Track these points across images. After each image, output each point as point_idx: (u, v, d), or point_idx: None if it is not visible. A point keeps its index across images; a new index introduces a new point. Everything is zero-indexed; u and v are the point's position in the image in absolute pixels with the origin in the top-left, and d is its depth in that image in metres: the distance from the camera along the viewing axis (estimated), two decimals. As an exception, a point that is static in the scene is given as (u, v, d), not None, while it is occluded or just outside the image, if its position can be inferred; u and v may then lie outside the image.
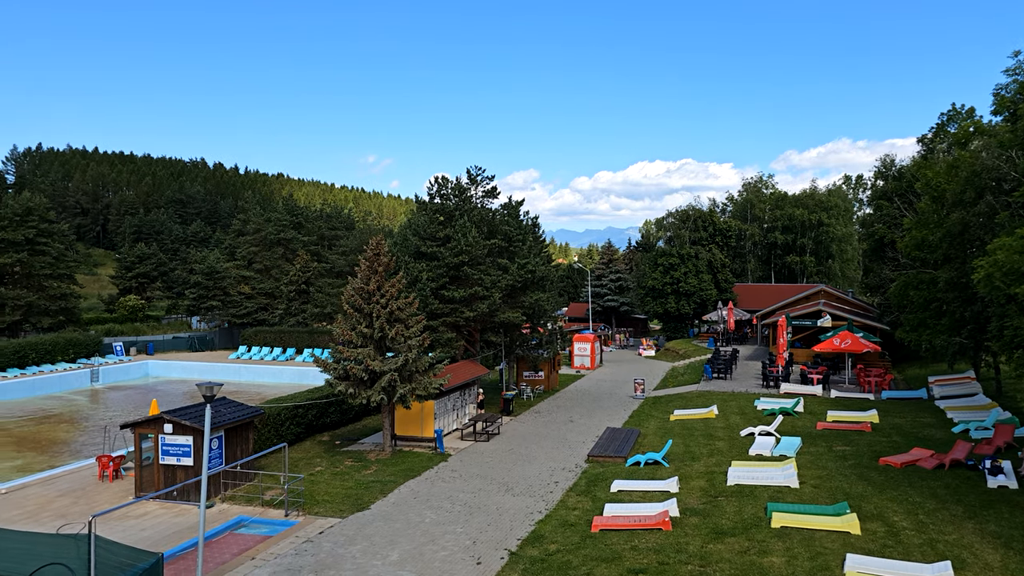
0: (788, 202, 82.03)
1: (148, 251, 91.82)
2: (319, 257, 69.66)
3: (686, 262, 62.52)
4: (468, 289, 32.78)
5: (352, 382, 24.56)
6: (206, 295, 66.53)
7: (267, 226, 70.23)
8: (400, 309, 24.99)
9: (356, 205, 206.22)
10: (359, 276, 25.23)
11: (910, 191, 40.67)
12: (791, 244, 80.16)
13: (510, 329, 36.46)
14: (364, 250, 25.95)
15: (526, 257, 35.95)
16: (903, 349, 42.67)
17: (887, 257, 42.12)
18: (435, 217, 34.91)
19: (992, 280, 17.00)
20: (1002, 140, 22.54)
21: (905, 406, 31.08)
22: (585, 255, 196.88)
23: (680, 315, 63.67)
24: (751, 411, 30.75)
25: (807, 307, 48.17)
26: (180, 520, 18.71)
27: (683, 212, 76.83)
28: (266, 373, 49.82)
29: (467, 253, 32.84)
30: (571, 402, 36.47)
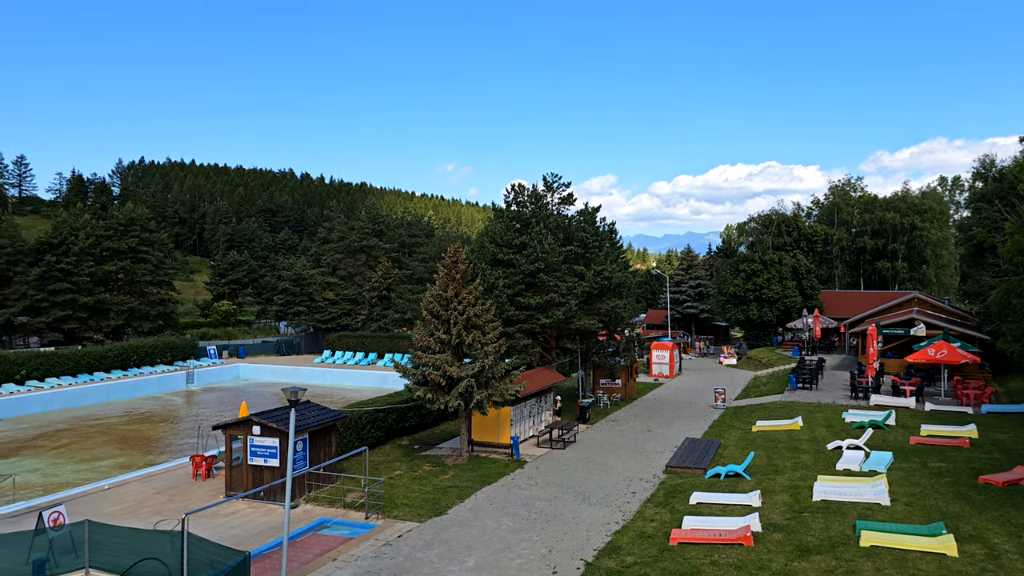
0: (878, 205, 78.31)
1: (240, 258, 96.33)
2: (400, 264, 71.31)
3: (769, 268, 60.64)
4: (544, 296, 32.85)
5: (430, 387, 25.02)
6: (293, 301, 69.22)
7: (351, 234, 72.45)
8: (477, 316, 25.30)
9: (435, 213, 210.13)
10: (437, 283, 25.70)
11: (1012, 193, 38.18)
12: (881, 249, 76.47)
13: (586, 336, 36.29)
14: (442, 257, 26.41)
15: (602, 263, 35.74)
16: (1005, 360, 39.96)
17: (987, 263, 39.65)
18: (511, 224, 35.19)
19: (1107, 289, 15.75)
20: (1118, 138, 20.85)
21: (1007, 421, 29.11)
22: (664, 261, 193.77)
23: (763, 323, 61.78)
24: (838, 423, 29.51)
25: (899, 315, 45.82)
26: (266, 520, 19.53)
27: (766, 217, 74.60)
28: (348, 377, 51.34)
29: (543, 260, 32.93)
30: (649, 411, 35.96)
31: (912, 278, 75.38)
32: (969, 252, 48.27)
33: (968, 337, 40.87)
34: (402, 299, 62.69)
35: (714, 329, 75.00)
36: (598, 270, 34.97)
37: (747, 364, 55.59)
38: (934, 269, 76.20)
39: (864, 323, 47.88)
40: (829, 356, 54.06)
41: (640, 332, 50.27)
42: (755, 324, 62.24)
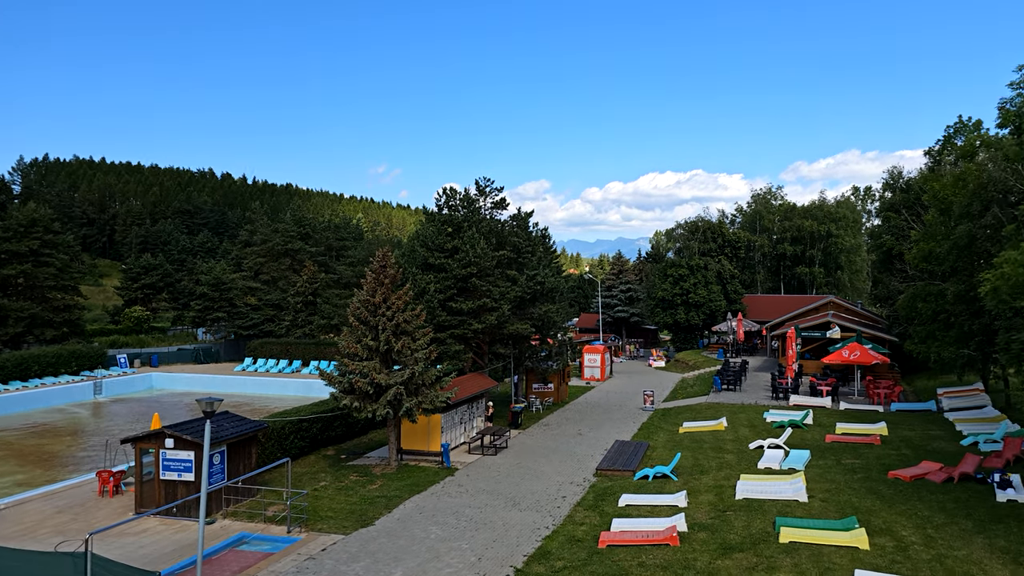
0: (797, 213, 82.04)
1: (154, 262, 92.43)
2: (327, 268, 69.99)
3: (695, 273, 62.55)
4: (476, 301, 32.89)
5: (357, 395, 24.65)
6: (212, 306, 66.90)
7: (274, 237, 70.64)
8: (407, 321, 25.10)
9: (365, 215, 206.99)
10: (365, 288, 25.36)
11: (918, 203, 40.66)
12: (800, 255, 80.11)
13: (519, 341, 36.51)
14: (371, 261, 26.09)
15: (535, 268, 36.06)
16: (912, 361, 42.48)
17: (896, 269, 42.05)
18: (443, 228, 35.09)
19: (999, 293, 17.01)
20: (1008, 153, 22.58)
21: (914, 418, 30.95)
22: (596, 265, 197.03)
23: (690, 326, 63.64)
24: (760, 423, 30.68)
25: (816, 318, 48.05)
26: (180, 537, 18.80)
27: (692, 223, 76.91)
28: (271, 386, 49.98)
29: (475, 264, 32.97)
30: (580, 414, 36.46)
31: (828, 283, 79.22)
32: (880, 258, 51.03)
33: (879, 339, 43.22)
34: (329, 304, 61.48)
35: (644, 332, 76.73)
36: (531, 275, 35.26)
37: (675, 366, 57.12)
38: (848, 274, 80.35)
39: (784, 326, 49.98)
40: (752, 358, 56.14)
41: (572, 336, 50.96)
42: (682, 327, 64.05)
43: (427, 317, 29.90)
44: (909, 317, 33.70)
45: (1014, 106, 21.10)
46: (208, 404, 14.27)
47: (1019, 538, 15.95)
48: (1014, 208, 22.72)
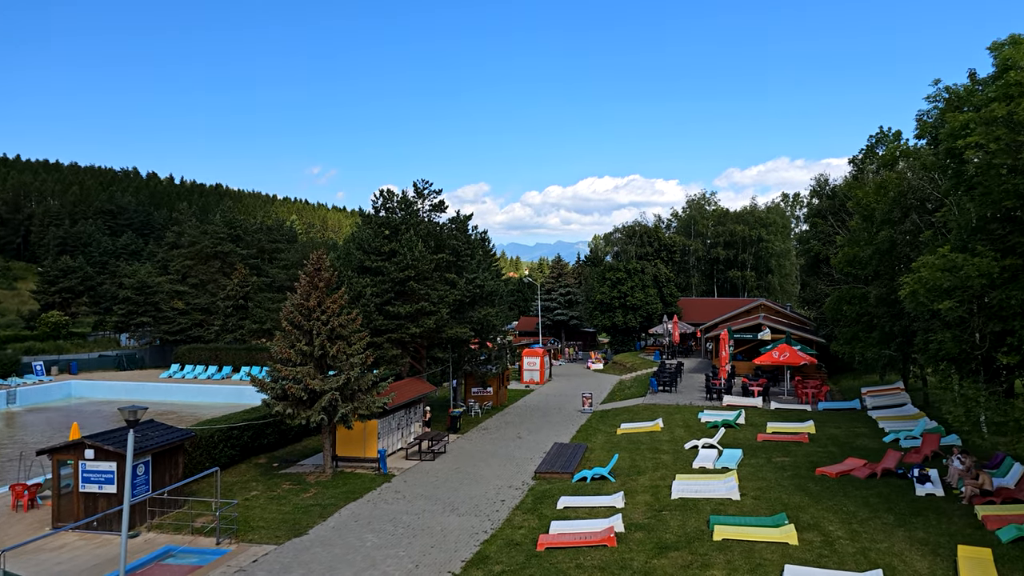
0: (730, 218, 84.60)
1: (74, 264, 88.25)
2: (259, 271, 68.21)
3: (633, 276, 63.67)
4: (414, 305, 32.60)
5: (291, 402, 24.08)
6: (136, 311, 64.26)
7: (203, 239, 68.44)
8: (342, 326, 24.69)
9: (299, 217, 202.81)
10: (299, 291, 24.83)
11: (843, 209, 42.45)
12: (733, 259, 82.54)
13: (458, 345, 36.34)
14: (305, 264, 25.57)
15: (475, 271, 35.98)
16: (838, 361, 44.30)
17: (822, 273, 43.80)
18: (380, 231, 34.65)
19: (917, 296, 17.90)
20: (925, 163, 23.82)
21: (840, 417, 32.24)
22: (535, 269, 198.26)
23: (627, 329, 64.71)
24: (695, 424, 31.40)
25: (748, 321, 49.56)
26: (102, 552, 17.97)
27: (630, 228, 78.30)
28: (200, 393, 48.35)
29: (413, 268, 32.67)
30: (520, 418, 36.55)
31: (759, 286, 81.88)
32: (807, 263, 53.10)
33: (807, 340, 44.88)
34: (260, 308, 59.97)
35: (583, 335, 77.60)
36: (470, 278, 35.16)
37: (613, 369, 57.94)
38: (778, 278, 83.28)
39: (717, 328, 51.35)
40: (687, 360, 57.47)
41: (512, 340, 51.07)
42: (620, 330, 65.07)
43: (363, 321, 29.48)
44: (835, 319, 35.12)
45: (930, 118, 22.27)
46: (132, 413, 13.70)
47: (936, 530, 16.78)
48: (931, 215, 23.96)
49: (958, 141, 17.61)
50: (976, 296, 17.29)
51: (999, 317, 16.99)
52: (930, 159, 22.91)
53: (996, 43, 18.70)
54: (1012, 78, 16.75)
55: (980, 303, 17.57)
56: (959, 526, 16.88)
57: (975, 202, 17.87)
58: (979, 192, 17.48)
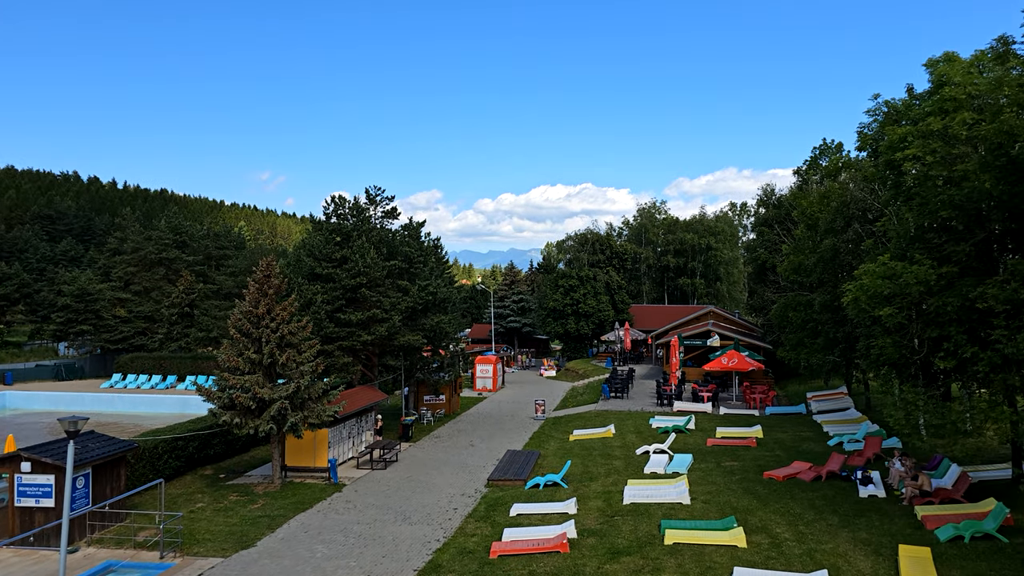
0: (679, 227, 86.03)
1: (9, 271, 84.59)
2: (205, 278, 66.48)
3: (585, 284, 64.14)
4: (366, 312, 32.21)
5: (239, 411, 23.48)
6: (76, 319, 61.87)
7: (147, 245, 66.41)
8: (292, 333, 24.21)
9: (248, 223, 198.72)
10: (247, 299, 24.29)
11: (788, 219, 43.60)
12: (682, 267, 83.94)
13: (410, 352, 36.02)
14: (254, 271, 25.02)
15: (427, 279, 35.75)
16: (784, 367, 45.38)
17: (769, 280, 44.82)
18: (331, 237, 34.19)
19: (859, 303, 18.42)
20: (866, 174, 24.63)
21: (787, 421, 32.99)
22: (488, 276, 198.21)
23: (580, 335, 65.10)
24: (646, 429, 31.71)
25: (698, 327, 50.40)
26: (38, 569, 17.16)
27: (582, 235, 78.87)
28: (143, 403, 46.77)
29: (365, 275, 32.31)
30: (472, 425, 36.35)
31: (709, 293, 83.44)
32: (755, 270, 54.33)
33: (755, 347, 45.87)
34: (207, 316, 58.44)
35: (535, 342, 77.79)
36: (423, 285, 34.91)
37: (566, 376, 58.19)
38: (727, 285, 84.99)
39: (668, 335, 52.09)
40: (639, 366, 58.10)
41: (465, 347, 50.92)
42: (573, 337, 65.43)
43: (314, 329, 28.99)
44: (781, 326, 35.99)
45: (871, 131, 23.06)
46: (72, 423, 13.15)
47: (879, 530, 17.25)
48: (872, 224, 24.77)
49: (897, 153, 18.25)
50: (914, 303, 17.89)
51: (936, 323, 17.60)
52: (871, 171, 23.70)
53: (932, 60, 19.46)
54: (947, 93, 17.45)
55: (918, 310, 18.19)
56: (900, 526, 17.40)
57: (913, 212, 18.52)
58: (917, 202, 18.13)
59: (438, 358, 39.23)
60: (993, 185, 15.95)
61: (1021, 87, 16.05)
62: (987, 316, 16.50)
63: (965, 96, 17.07)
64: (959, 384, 21.00)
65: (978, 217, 17.53)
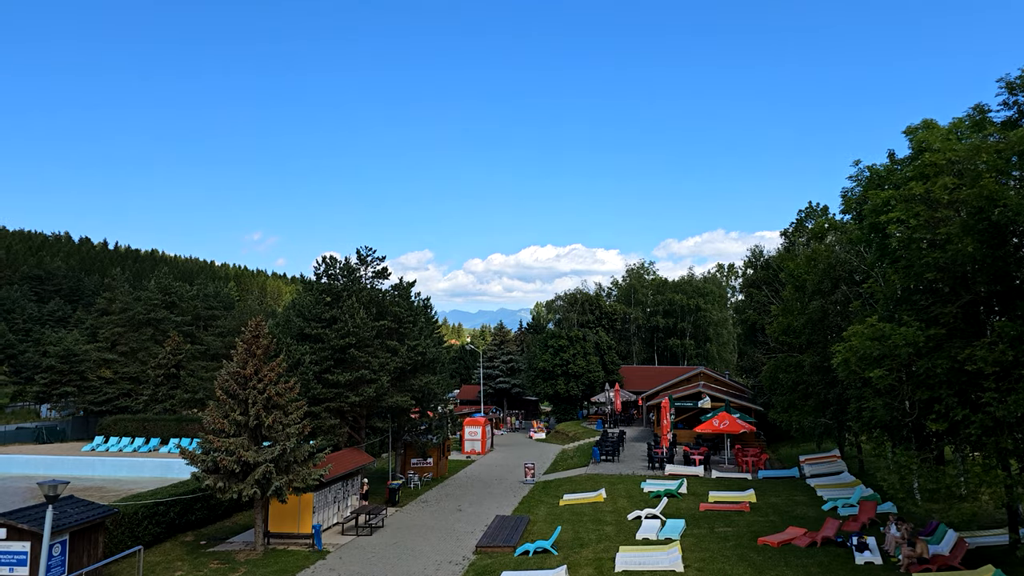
0: (668, 288, 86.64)
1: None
2: (193, 339, 65.94)
3: (575, 344, 63.97)
4: (354, 372, 31.89)
5: (222, 475, 22.90)
6: (60, 380, 60.93)
7: (136, 305, 66.05)
8: (279, 394, 23.87)
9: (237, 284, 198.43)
10: (235, 359, 24.03)
11: (776, 280, 43.99)
12: (672, 328, 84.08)
13: (398, 414, 35.56)
14: (242, 331, 24.83)
15: (417, 339, 35.60)
16: (776, 429, 44.98)
17: (759, 341, 44.86)
18: (321, 297, 34.14)
19: (849, 364, 18.39)
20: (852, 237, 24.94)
21: (780, 485, 32.48)
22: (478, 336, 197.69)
23: (570, 396, 64.53)
24: (638, 494, 31.11)
25: (688, 389, 50.11)
26: (6, 643, 16.35)
27: (571, 296, 79.33)
28: (125, 466, 45.62)
29: (354, 335, 32.14)
30: (461, 489, 35.60)
31: (699, 354, 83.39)
32: (744, 331, 54.44)
33: (746, 408, 45.55)
34: (193, 377, 57.70)
35: (525, 403, 77.03)
36: (412, 345, 34.74)
37: (556, 438, 57.38)
38: (716, 346, 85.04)
39: (658, 396, 51.73)
40: (629, 428, 57.44)
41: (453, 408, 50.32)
42: (563, 398, 64.85)
43: (301, 390, 28.63)
44: (772, 387, 35.80)
45: (854, 195, 23.52)
46: (51, 488, 12.75)
47: (877, 598, 16.78)
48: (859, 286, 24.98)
49: (880, 216, 18.55)
50: (904, 364, 17.87)
51: (927, 385, 17.55)
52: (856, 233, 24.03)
53: (911, 127, 20.02)
54: (927, 159, 17.87)
55: (908, 371, 18.15)
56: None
57: (899, 274, 18.70)
58: (902, 264, 18.32)
59: (426, 420, 38.71)
60: (976, 248, 16.18)
61: (998, 153, 16.47)
62: (977, 378, 16.48)
63: (945, 161, 17.48)
64: (952, 447, 20.81)
65: (963, 279, 17.72)
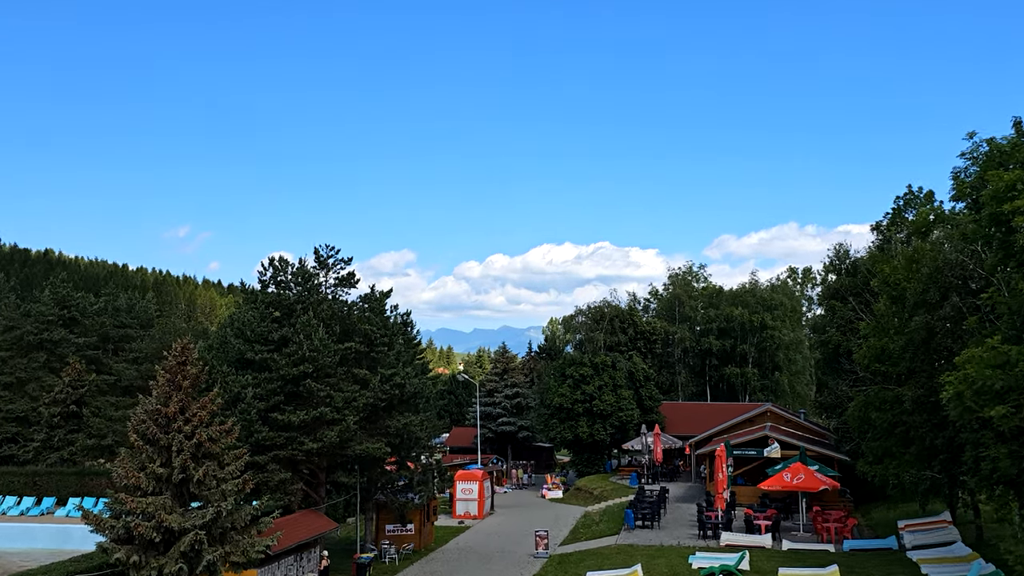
0: (725, 299, 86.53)
1: None
2: (99, 366, 66.12)
3: (601, 373, 63.91)
4: (311, 411, 32.03)
5: (138, 546, 22.97)
6: (-77, 421, 61.12)
7: (24, 322, 66.32)
8: (212, 440, 23.95)
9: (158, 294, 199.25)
10: (155, 393, 24.17)
11: (866, 289, 43.92)
12: (729, 352, 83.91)
13: (369, 465, 35.70)
14: (165, 357, 25.00)
15: (393, 366, 35.76)
16: (867, 485, 44.80)
17: (843, 369, 44.76)
18: (268, 312, 34.34)
19: (962, 400, 18.38)
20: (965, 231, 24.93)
21: (872, 559, 32.40)
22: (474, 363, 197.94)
23: (595, 443, 64.42)
24: (685, 570, 31.10)
25: (751, 432, 50.03)
26: None
27: (597, 309, 79.43)
28: (8, 535, 45.79)
29: (311, 361, 32.27)
30: (450, 566, 35.73)
31: (764, 387, 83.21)
32: (824, 357, 54.33)
33: (826, 458, 45.42)
34: (100, 417, 57.84)
35: (536, 452, 76.96)
36: (387, 375, 34.87)
37: (576, 497, 57.32)
38: (788, 376, 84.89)
39: (712, 442, 51.62)
40: (673, 484, 57.34)
41: (441, 458, 50.34)
42: (585, 445, 64.76)
43: (242, 434, 28.71)
44: (861, 430, 35.73)
45: (969, 177, 23.55)
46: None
47: None
48: (976, 297, 24.93)
49: (1004, 205, 18.59)
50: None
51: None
52: (971, 227, 24.03)
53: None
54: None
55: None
56: None
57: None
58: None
59: (406, 473, 38.76)
60: None
61: None
62: None
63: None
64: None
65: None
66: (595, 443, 64.45)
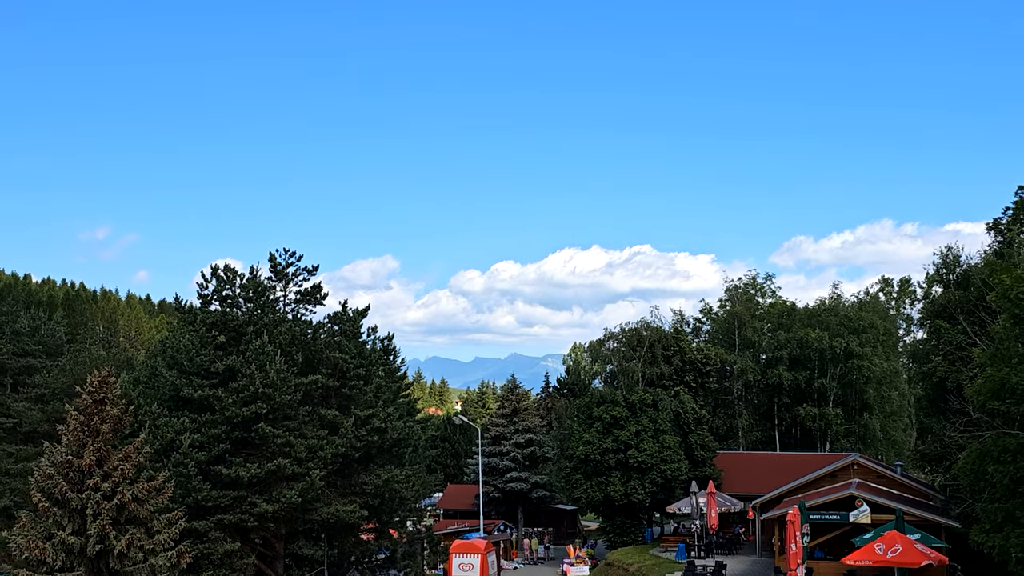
0: (798, 319, 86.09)
1: None
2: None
3: (639, 415, 63.73)
4: (266, 463, 32.11)
5: (42, 637, 23.07)
6: None
7: (-102, 349, 66.74)
8: (138, 500, 24.08)
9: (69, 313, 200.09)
10: (65, 441, 24.31)
11: (981, 305, 43.68)
12: (804, 387, 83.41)
13: (340, 533, 35.73)
14: (78, 394, 25.15)
15: (371, 405, 35.80)
16: (983, 559, 44.50)
17: (952, 409, 44.49)
18: (211, 336, 34.45)
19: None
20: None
21: (993, 657, 32.20)
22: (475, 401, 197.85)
23: (630, 504, 64.24)
24: (748, 672, 30.99)
25: (833, 491, 49.81)
26: None
27: (633, 332, 79.18)
28: None
29: (266, 399, 32.35)
30: (443, 663, 35.62)
31: (849, 432, 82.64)
32: (927, 393, 53.96)
33: (930, 524, 45.14)
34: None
35: (555, 516, 76.74)
36: (363, 417, 34.90)
37: (606, 573, 57.10)
38: (880, 418, 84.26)
39: (782, 504, 51.39)
40: (732, 559, 57.09)
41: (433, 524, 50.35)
42: (619, 507, 64.53)
43: (176, 492, 28.82)
44: (975, 488, 35.51)
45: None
46: None
47: None
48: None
49: None
50: None
51: None
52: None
53: None
54: None
55: None
56: None
57: None
58: None
59: (387, 543, 38.78)
60: None
61: None
62: None
63: None
64: None
65: None
66: (631, 505, 64.26)
